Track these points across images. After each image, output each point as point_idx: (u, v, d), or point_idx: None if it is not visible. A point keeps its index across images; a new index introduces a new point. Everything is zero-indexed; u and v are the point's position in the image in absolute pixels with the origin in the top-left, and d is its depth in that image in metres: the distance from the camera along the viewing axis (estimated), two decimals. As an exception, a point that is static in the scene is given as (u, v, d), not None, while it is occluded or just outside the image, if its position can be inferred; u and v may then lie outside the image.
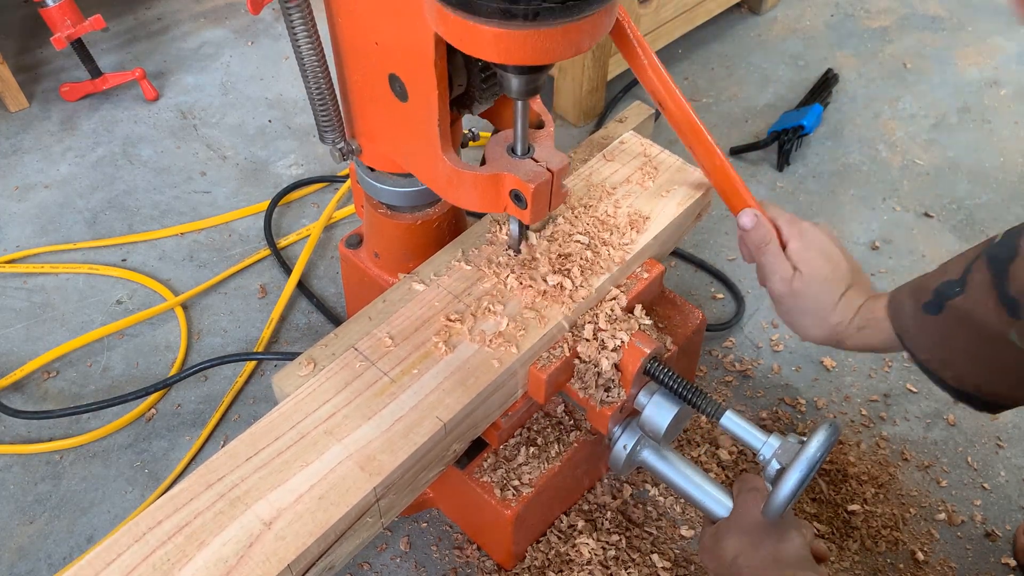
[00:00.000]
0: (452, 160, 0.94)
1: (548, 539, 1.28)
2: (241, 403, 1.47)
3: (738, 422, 1.05)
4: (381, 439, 0.91)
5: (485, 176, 0.93)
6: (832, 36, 2.24)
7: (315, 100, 0.98)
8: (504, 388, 1.01)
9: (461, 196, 0.97)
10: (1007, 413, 1.45)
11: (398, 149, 1.03)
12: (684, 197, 1.19)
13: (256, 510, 0.85)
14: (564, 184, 0.96)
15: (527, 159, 0.95)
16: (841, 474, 1.37)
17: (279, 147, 1.93)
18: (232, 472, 0.88)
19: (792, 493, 0.95)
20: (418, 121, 0.94)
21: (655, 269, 1.14)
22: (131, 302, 1.61)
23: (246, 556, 0.82)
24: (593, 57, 1.83)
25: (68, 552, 1.29)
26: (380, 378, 0.97)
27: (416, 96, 0.92)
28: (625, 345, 1.04)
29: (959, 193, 1.83)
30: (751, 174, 1.87)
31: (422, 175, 1.02)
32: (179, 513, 0.85)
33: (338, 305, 1.62)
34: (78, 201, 1.80)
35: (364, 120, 1.04)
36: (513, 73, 0.84)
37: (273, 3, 2.25)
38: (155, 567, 0.81)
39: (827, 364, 1.52)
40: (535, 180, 0.91)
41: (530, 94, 0.86)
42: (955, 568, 1.28)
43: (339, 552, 0.90)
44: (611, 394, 1.07)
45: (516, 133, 0.94)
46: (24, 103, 2.00)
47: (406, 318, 1.03)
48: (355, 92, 1.01)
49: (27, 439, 1.42)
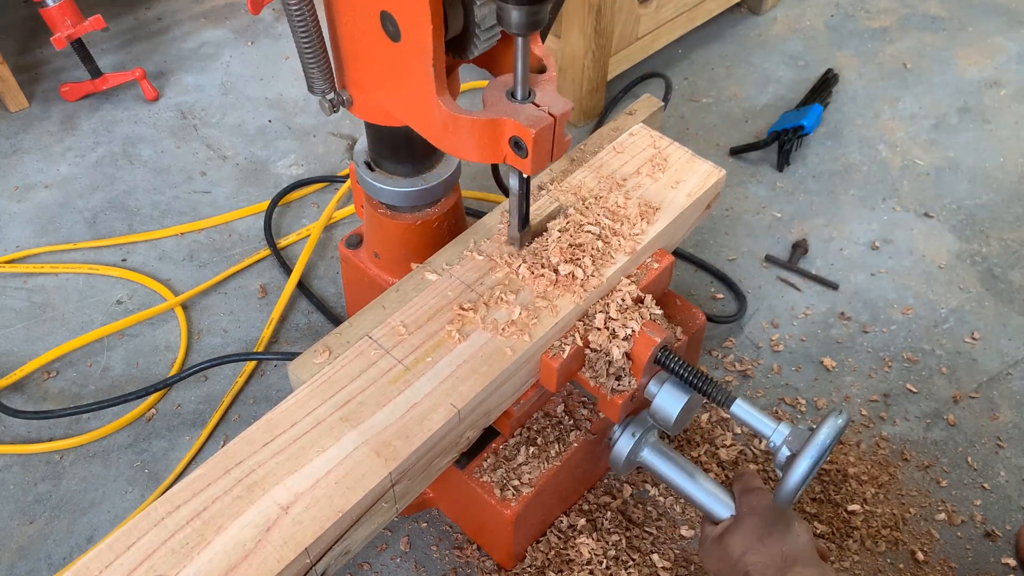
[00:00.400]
0: (448, 104, 0.89)
1: (548, 539, 1.28)
2: (241, 403, 1.47)
3: (748, 410, 1.06)
4: (396, 425, 0.92)
5: (483, 121, 0.88)
6: (832, 36, 2.24)
7: (302, 45, 0.93)
8: (517, 376, 1.02)
9: (458, 145, 0.92)
10: (1007, 413, 1.45)
11: (391, 97, 0.98)
12: (694, 188, 1.20)
13: (273, 495, 0.87)
14: (567, 132, 0.92)
15: (528, 104, 0.90)
16: (841, 474, 1.37)
17: (279, 147, 1.93)
18: (249, 457, 0.90)
19: (803, 479, 0.96)
20: (411, 63, 0.88)
21: (665, 259, 1.15)
22: (131, 302, 1.61)
23: (264, 540, 0.83)
24: (593, 57, 1.83)
25: (68, 552, 1.29)
26: (394, 366, 0.98)
27: (409, 35, 0.86)
28: (636, 334, 1.05)
29: (959, 193, 1.83)
30: (751, 174, 1.87)
31: (416, 123, 0.97)
32: (197, 498, 0.86)
33: (338, 305, 1.62)
34: (78, 201, 1.80)
35: (355, 67, 0.99)
36: (513, 3, 0.79)
37: (273, 3, 2.26)
38: (173, 551, 0.83)
39: (827, 364, 1.52)
40: (536, 125, 0.87)
41: (532, 28, 0.81)
42: (955, 568, 1.28)
43: (355, 537, 0.91)
44: (622, 383, 1.08)
45: (516, 75, 0.88)
46: (24, 103, 2.00)
47: (419, 307, 1.05)
48: (345, 36, 0.96)
49: (27, 439, 1.42)
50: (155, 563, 0.82)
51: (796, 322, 1.59)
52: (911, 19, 2.30)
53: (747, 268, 1.68)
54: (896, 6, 2.35)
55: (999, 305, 1.62)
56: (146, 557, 0.82)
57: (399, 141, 1.11)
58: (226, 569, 0.81)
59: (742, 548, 1.04)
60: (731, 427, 1.42)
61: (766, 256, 1.70)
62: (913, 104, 2.05)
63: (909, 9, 2.34)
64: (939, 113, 2.02)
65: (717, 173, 1.23)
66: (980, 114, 2.02)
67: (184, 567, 0.81)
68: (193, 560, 0.82)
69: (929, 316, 1.60)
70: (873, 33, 2.25)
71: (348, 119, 1.99)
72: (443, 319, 1.03)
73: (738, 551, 1.04)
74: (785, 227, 1.76)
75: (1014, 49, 2.19)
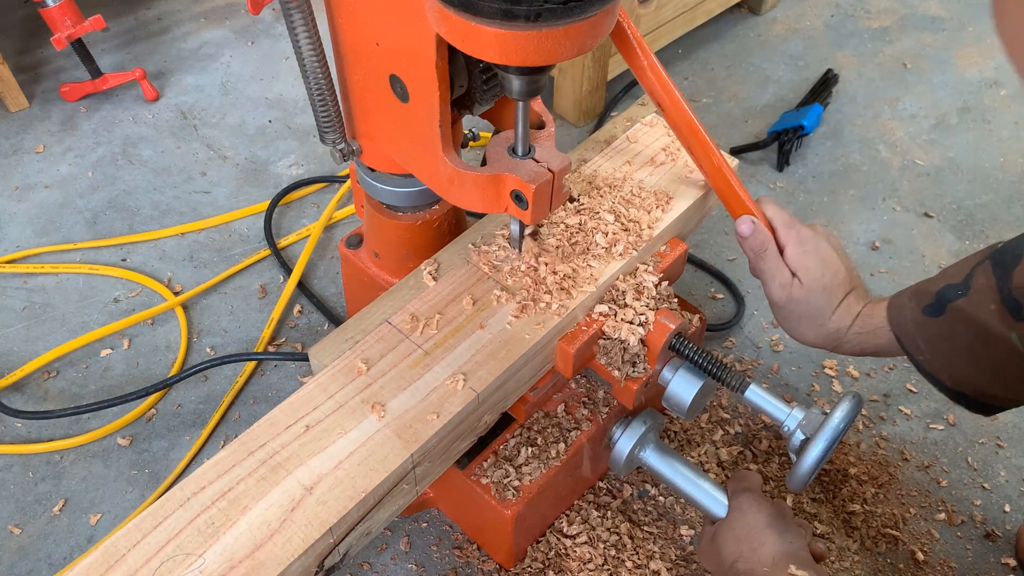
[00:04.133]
0: (453, 161, 0.94)
1: (548, 539, 1.28)
2: (241, 403, 1.47)
3: (762, 395, 1.07)
4: (417, 408, 0.94)
5: (486, 176, 0.94)
6: (832, 36, 2.24)
7: (315, 101, 0.99)
8: (534, 361, 1.04)
9: (462, 197, 0.97)
10: (1007, 413, 1.45)
11: (399, 150, 1.03)
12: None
13: (297, 475, 0.88)
14: (565, 184, 0.97)
15: (528, 160, 0.95)
16: (841, 474, 1.37)
17: (279, 147, 1.93)
18: (273, 439, 0.91)
19: (816, 463, 0.98)
20: (419, 122, 0.94)
21: (679, 247, 1.17)
22: (131, 302, 1.61)
23: (288, 519, 0.85)
24: (593, 57, 1.83)
25: (68, 552, 1.29)
26: (414, 350, 1.00)
27: (417, 97, 0.92)
28: (651, 320, 1.07)
29: (959, 193, 1.83)
30: (751, 174, 1.87)
31: (423, 176, 1.03)
32: (222, 479, 0.88)
33: (338, 305, 1.62)
34: (78, 201, 1.80)
35: (365, 121, 1.05)
36: (514, 74, 0.84)
37: (273, 3, 2.26)
38: (200, 530, 0.84)
39: (827, 365, 1.52)
40: (536, 180, 0.92)
41: (531, 95, 0.87)
42: (955, 568, 1.28)
43: (376, 518, 0.93)
44: (637, 369, 1.09)
45: (517, 134, 0.94)
46: (24, 103, 2.00)
47: (438, 294, 1.06)
48: (356, 93, 1.02)
49: (27, 439, 1.42)
50: (182, 542, 0.83)
51: (796, 322, 1.59)
52: (911, 19, 2.30)
53: (747, 268, 1.68)
54: (896, 6, 2.35)
55: (999, 305, 1.62)
56: (173, 536, 0.84)
57: (399, 142, 1.12)
58: (252, 548, 0.83)
59: (734, 555, 1.03)
60: (731, 427, 1.43)
61: (766, 256, 1.70)
62: (913, 104, 2.05)
63: (909, 9, 2.34)
64: (939, 113, 2.02)
65: (731, 163, 1.24)
66: (980, 114, 2.02)
67: (210, 546, 0.83)
68: (219, 539, 0.84)
69: (929, 316, 1.60)
70: (873, 33, 2.25)
71: (348, 119, 1.99)
72: (462, 305, 1.05)
73: (730, 557, 1.03)
74: (785, 227, 1.76)
75: (1014, 49, 2.19)
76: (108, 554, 0.83)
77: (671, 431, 1.42)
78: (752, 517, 1.05)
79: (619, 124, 1.32)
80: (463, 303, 1.05)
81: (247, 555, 0.82)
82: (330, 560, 0.89)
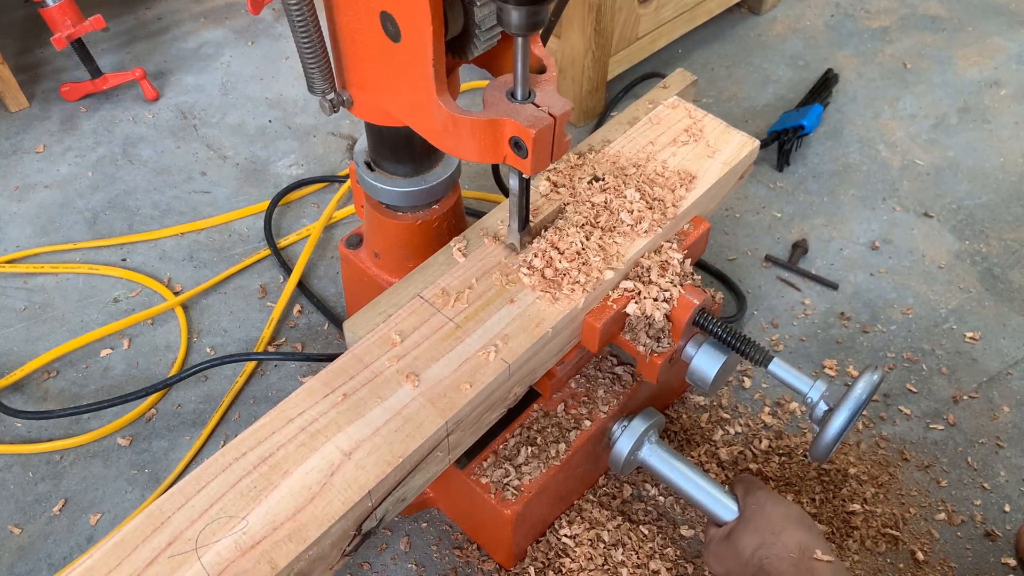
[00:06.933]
0: (448, 105, 0.89)
1: (548, 539, 1.28)
2: (241, 403, 1.47)
3: (786, 368, 1.10)
4: (451, 378, 0.96)
5: (483, 121, 0.88)
6: (832, 36, 2.24)
7: (302, 45, 0.93)
8: (562, 335, 1.06)
9: (458, 145, 0.93)
10: (1007, 413, 1.45)
11: (391, 97, 0.98)
12: (728, 157, 1.25)
13: (336, 441, 0.90)
14: (567, 133, 0.93)
15: (528, 104, 0.90)
16: (841, 474, 1.37)
17: (279, 147, 1.93)
18: (311, 408, 0.93)
19: (839, 432, 1.00)
20: (412, 63, 0.89)
21: (702, 225, 1.20)
22: (131, 302, 1.61)
23: (328, 484, 0.87)
24: (593, 57, 1.83)
25: (68, 552, 1.29)
26: (446, 323, 1.02)
27: (409, 35, 0.87)
28: (676, 297, 1.08)
29: (959, 193, 1.83)
30: (751, 174, 1.87)
31: (416, 123, 0.98)
32: (262, 445, 0.90)
33: (338, 305, 1.62)
34: (78, 201, 1.80)
35: (355, 67, 0.99)
36: (513, 4, 0.79)
37: (273, 3, 2.26)
38: (242, 494, 0.86)
39: (827, 365, 1.52)
40: (536, 125, 0.87)
41: (532, 29, 0.81)
42: (955, 568, 1.28)
43: (412, 484, 0.95)
44: (661, 344, 1.11)
45: (516, 76, 0.89)
46: (24, 103, 2.00)
47: (468, 269, 1.08)
48: (345, 36, 0.96)
49: (27, 439, 1.42)
50: (225, 505, 0.85)
51: (796, 322, 1.59)
52: (911, 19, 2.30)
53: (747, 268, 1.68)
54: (896, 6, 2.35)
55: (999, 305, 1.62)
56: (216, 499, 0.86)
57: (399, 141, 1.11)
58: (293, 511, 0.85)
59: (755, 543, 1.05)
60: (731, 427, 1.43)
61: (766, 256, 1.70)
62: (913, 104, 2.05)
63: (909, 9, 2.34)
64: (939, 113, 2.02)
65: (751, 143, 1.27)
66: (980, 114, 2.02)
67: (253, 508, 0.85)
68: (261, 503, 0.85)
69: (929, 316, 1.60)
70: (873, 33, 2.25)
71: (348, 119, 2.00)
72: (491, 280, 1.07)
73: (750, 547, 1.05)
74: (785, 227, 1.77)
75: (1014, 49, 2.19)
76: (153, 516, 0.85)
77: (671, 431, 1.42)
78: (771, 509, 1.08)
79: (641, 106, 1.34)
80: (492, 278, 1.07)
81: (289, 517, 0.84)
82: (367, 524, 0.91)
